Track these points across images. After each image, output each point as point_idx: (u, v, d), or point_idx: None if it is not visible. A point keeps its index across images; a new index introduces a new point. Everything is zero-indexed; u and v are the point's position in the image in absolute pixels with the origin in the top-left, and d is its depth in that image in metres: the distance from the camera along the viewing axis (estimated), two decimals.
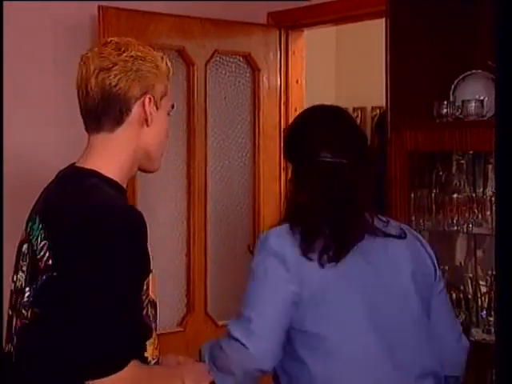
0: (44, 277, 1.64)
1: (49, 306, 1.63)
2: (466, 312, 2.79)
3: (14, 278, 1.76)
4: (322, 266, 1.78)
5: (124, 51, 1.73)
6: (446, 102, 2.83)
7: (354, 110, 4.81)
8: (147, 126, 1.76)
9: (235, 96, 3.59)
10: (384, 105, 3.04)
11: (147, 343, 1.71)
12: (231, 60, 3.57)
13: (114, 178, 1.74)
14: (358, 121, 4.79)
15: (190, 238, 3.44)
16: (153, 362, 1.73)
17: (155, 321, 1.77)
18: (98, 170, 1.73)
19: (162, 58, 1.79)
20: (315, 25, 3.72)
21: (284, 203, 1.95)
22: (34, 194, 1.89)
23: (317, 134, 1.90)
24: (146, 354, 1.71)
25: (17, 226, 1.92)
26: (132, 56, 1.73)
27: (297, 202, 1.88)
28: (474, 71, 2.88)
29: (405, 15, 2.91)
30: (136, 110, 1.74)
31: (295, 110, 3.71)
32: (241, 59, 3.60)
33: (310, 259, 1.79)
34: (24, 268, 1.72)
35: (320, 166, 1.87)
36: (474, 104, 2.75)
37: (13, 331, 1.73)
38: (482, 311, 2.75)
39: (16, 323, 1.71)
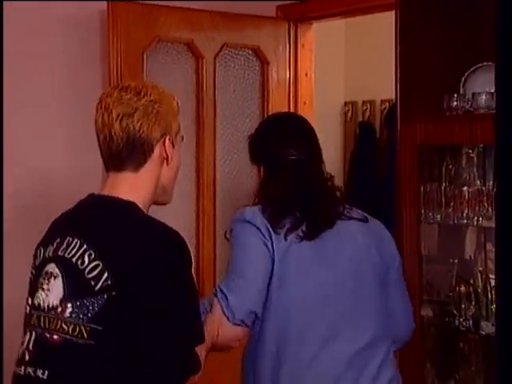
0: (105, 296, 1.72)
1: (116, 323, 1.73)
2: (476, 306, 2.78)
3: (34, 297, 1.83)
4: (286, 240, 2.09)
5: (144, 96, 1.85)
6: (456, 95, 2.82)
7: (363, 103, 4.80)
8: (167, 165, 1.90)
9: (244, 89, 3.59)
10: (393, 98, 3.03)
11: None
12: (240, 53, 3.56)
13: None
14: (367, 114, 4.78)
15: (199, 230, 3.44)
16: None
17: None
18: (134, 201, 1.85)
19: (174, 97, 1.93)
20: (324, 18, 3.71)
21: (255, 198, 2.23)
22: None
23: (282, 137, 2.25)
24: None
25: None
26: (152, 100, 1.85)
27: (267, 192, 2.19)
28: (484, 63, 2.86)
29: (414, 8, 2.90)
30: (157, 150, 1.87)
31: (304, 104, 3.70)
32: (250, 52, 3.59)
33: (278, 233, 2.10)
34: (45, 286, 1.80)
35: (287, 163, 2.21)
36: (484, 97, 2.73)
37: (34, 350, 1.78)
38: (491, 305, 2.74)
39: (48, 340, 1.76)
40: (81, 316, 1.72)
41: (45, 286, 1.80)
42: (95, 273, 1.74)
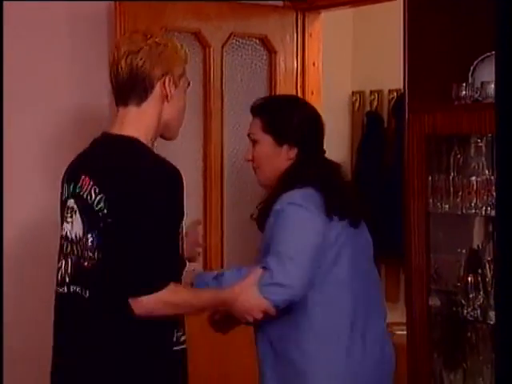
0: (104, 222, 2.00)
1: (111, 246, 2.00)
2: (484, 295, 2.78)
3: (62, 228, 2.12)
4: (339, 224, 2.28)
5: (150, 37, 2.09)
6: (464, 84, 2.81)
7: (371, 92, 4.77)
8: (167, 101, 2.11)
9: (251, 79, 3.58)
10: (401, 87, 3.02)
11: None
12: (248, 42, 3.56)
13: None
14: (375, 104, 4.76)
15: (207, 221, 3.44)
16: None
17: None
18: (137, 137, 2.07)
19: (182, 46, 2.16)
20: (332, 7, 3.70)
21: (285, 177, 2.36)
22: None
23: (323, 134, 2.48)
24: None
25: None
26: (156, 42, 2.09)
27: (309, 173, 2.33)
28: (493, 52, 2.84)
29: None
30: (158, 88, 2.10)
31: (311, 93, 3.69)
32: (257, 42, 3.58)
33: (331, 219, 2.26)
34: (69, 219, 2.09)
35: (322, 158, 2.43)
36: (493, 86, 2.72)
37: (74, 273, 2.06)
38: None
39: (82, 265, 2.05)
40: (99, 243, 2.01)
41: (69, 219, 2.09)
42: (100, 205, 2.01)
